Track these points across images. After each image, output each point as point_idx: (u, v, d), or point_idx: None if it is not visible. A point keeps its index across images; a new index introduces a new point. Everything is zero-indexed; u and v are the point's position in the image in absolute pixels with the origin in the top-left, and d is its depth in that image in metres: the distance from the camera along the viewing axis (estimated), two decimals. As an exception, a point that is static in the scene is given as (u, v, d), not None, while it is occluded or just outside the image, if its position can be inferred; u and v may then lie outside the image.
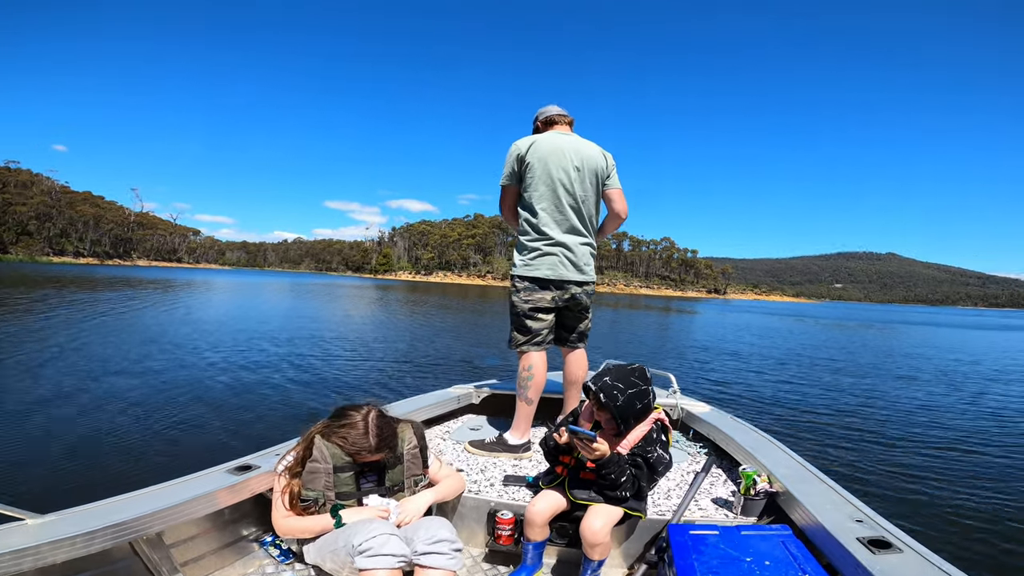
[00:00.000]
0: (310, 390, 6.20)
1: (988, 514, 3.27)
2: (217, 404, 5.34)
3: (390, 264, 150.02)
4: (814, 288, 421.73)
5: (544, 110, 2.65)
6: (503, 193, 2.61)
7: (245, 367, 7.28)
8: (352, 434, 1.56)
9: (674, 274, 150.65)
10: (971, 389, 8.03)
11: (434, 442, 2.64)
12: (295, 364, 7.71)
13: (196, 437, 4.33)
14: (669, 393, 3.06)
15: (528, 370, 2.45)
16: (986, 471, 4.17)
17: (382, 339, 11.28)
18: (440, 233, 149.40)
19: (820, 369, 9.96)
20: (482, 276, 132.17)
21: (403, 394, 4.34)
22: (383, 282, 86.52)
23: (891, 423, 5.72)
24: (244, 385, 6.24)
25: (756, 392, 7.36)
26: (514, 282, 2.53)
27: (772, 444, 2.28)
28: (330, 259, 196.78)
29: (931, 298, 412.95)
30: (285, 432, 3.81)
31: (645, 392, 1.77)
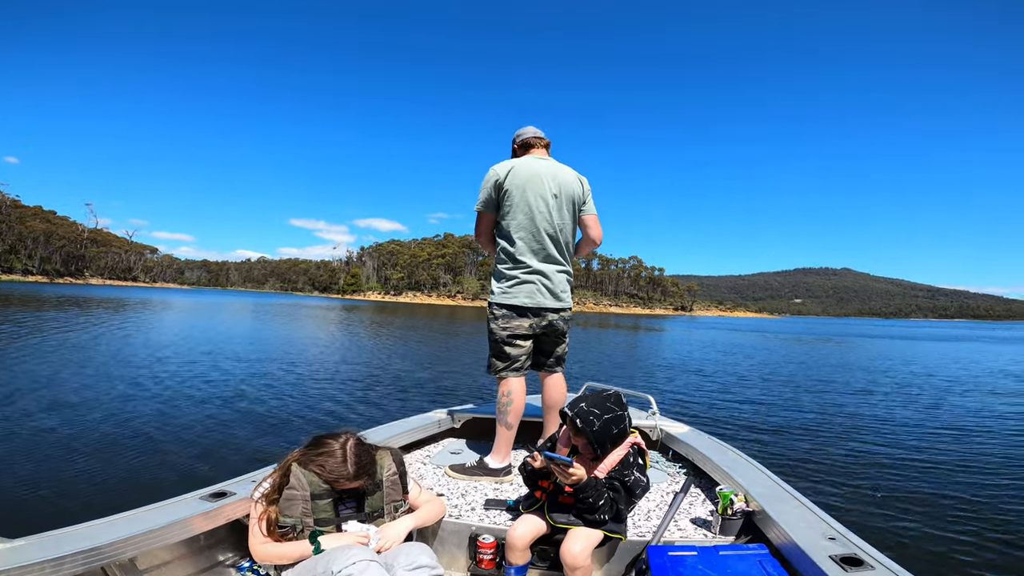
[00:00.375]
0: (283, 416, 6.01)
1: (955, 528, 3.35)
2: (186, 431, 5.14)
3: (358, 284, 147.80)
4: (775, 303, 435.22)
5: (521, 132, 2.66)
6: (479, 219, 2.61)
7: (213, 392, 7.01)
8: (330, 462, 1.55)
9: (642, 292, 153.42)
10: (926, 401, 8.32)
11: (414, 466, 2.62)
12: (265, 389, 7.47)
13: (165, 464, 4.20)
14: (648, 414, 3.10)
15: (507, 395, 2.46)
16: (950, 484, 4.28)
17: (355, 362, 11.06)
18: (410, 253, 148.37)
19: (786, 385, 10.20)
20: (452, 296, 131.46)
21: (381, 419, 4.23)
22: (351, 302, 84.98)
23: (856, 437, 5.85)
24: (214, 412, 6.01)
25: (722, 409, 7.48)
26: (492, 309, 2.54)
27: (748, 463, 2.32)
28: (296, 279, 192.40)
29: (884, 311, 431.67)
30: (260, 459, 3.60)
31: (621, 417, 1.80)
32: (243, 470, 2.05)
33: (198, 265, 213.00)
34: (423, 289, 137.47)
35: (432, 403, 6.81)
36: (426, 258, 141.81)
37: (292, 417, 6.01)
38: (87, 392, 6.64)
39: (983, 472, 4.63)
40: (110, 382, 7.41)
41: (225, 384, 7.68)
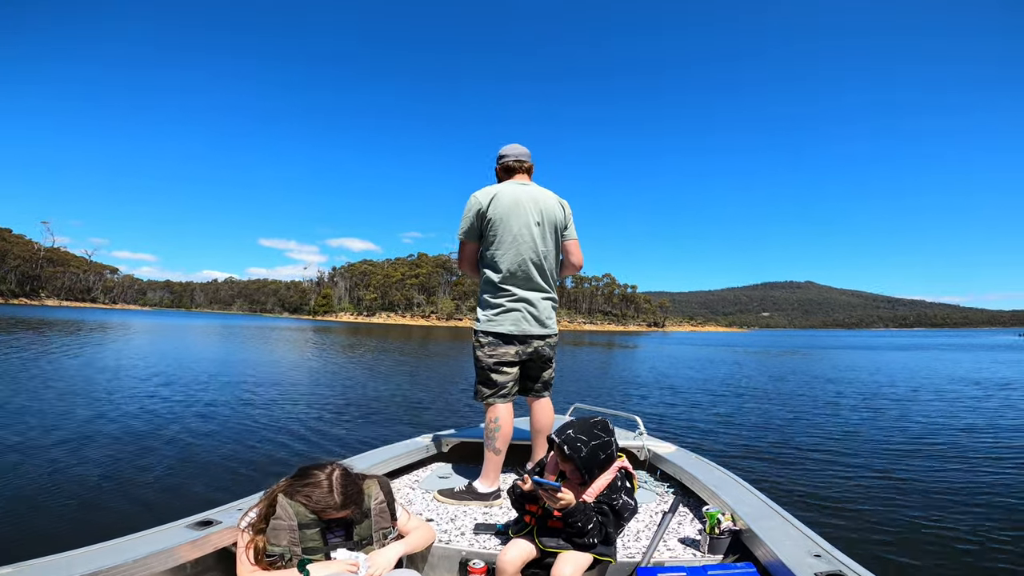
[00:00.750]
0: (263, 443, 5.82)
1: (937, 544, 3.38)
2: (158, 460, 4.96)
3: (330, 305, 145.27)
4: (744, 317, 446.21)
5: (504, 154, 2.65)
6: (462, 248, 2.60)
7: (188, 420, 6.74)
8: (316, 493, 1.54)
9: (616, 309, 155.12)
10: (897, 414, 8.48)
11: (403, 491, 2.59)
12: (240, 415, 7.21)
13: (144, 493, 4.07)
14: (636, 434, 3.11)
15: (495, 421, 2.47)
16: (930, 497, 4.33)
17: (334, 386, 10.77)
18: (383, 273, 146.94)
19: (762, 400, 10.32)
20: (426, 316, 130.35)
21: (365, 445, 4.14)
22: (323, 324, 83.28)
23: (835, 452, 5.89)
24: (190, 439, 5.80)
25: (699, 424, 7.55)
26: (478, 337, 2.53)
27: (735, 482, 2.35)
28: (265, 300, 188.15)
29: (847, 322, 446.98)
30: (246, 487, 3.56)
31: (608, 444, 1.82)
32: (228, 498, 2.03)
33: (161, 286, 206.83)
34: (397, 310, 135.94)
35: (416, 428, 6.68)
36: (399, 278, 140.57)
37: (272, 443, 5.83)
38: (49, 419, 6.31)
39: (961, 485, 4.69)
40: (73, 409, 7.04)
41: (197, 410, 7.39)
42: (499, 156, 2.67)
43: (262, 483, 4.12)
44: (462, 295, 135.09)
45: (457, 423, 4.95)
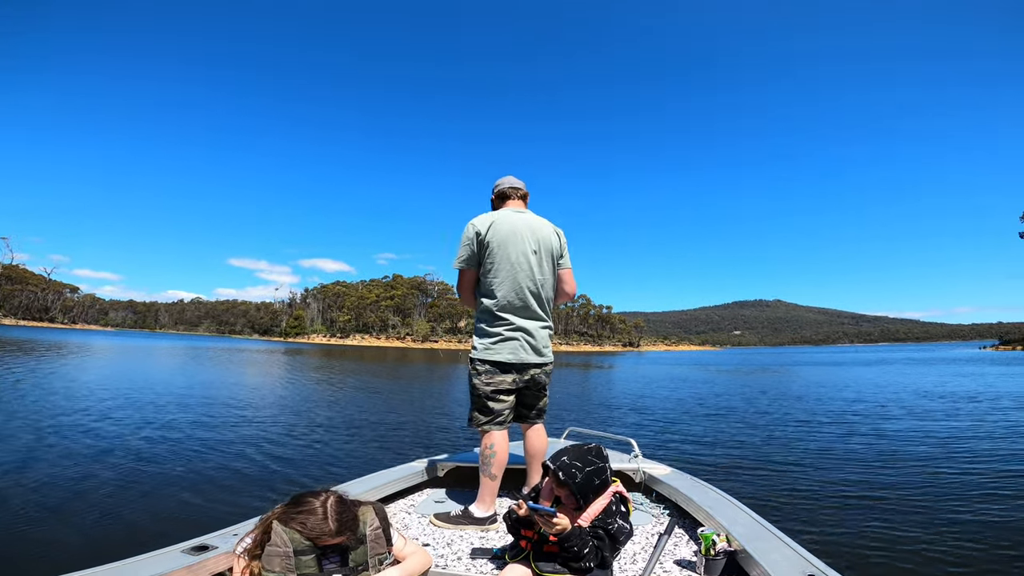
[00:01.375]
0: (253, 467, 5.74)
1: (927, 559, 3.41)
2: (154, 483, 4.93)
3: (302, 327, 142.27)
4: (716, 336, 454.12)
5: (499, 183, 2.70)
6: (461, 276, 2.62)
7: (173, 445, 6.54)
8: (311, 520, 1.53)
9: (591, 330, 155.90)
10: (865, 429, 8.67)
11: (399, 516, 2.60)
12: (219, 439, 7.01)
13: (137, 518, 4.01)
14: (631, 457, 3.11)
15: (490, 448, 2.48)
16: (923, 513, 4.38)
17: (317, 410, 10.50)
18: (357, 294, 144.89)
19: (738, 416, 10.41)
20: (401, 338, 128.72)
21: (361, 469, 4.21)
22: (295, 346, 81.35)
23: (816, 466, 5.96)
24: (177, 465, 5.68)
25: (675, 442, 7.59)
26: (475, 365, 2.54)
27: (730, 503, 2.37)
28: (234, 321, 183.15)
29: (815, 339, 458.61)
30: (240, 513, 3.60)
31: (602, 469, 1.85)
32: (223, 523, 2.03)
33: (124, 306, 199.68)
34: (371, 331, 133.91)
35: (409, 452, 6.61)
36: (374, 300, 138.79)
37: (261, 467, 5.73)
38: (30, 442, 6.04)
39: (946, 499, 4.76)
40: (50, 431, 6.73)
41: (179, 435, 7.12)
42: (495, 185, 2.72)
43: (251, 508, 4.09)
44: (437, 317, 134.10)
45: (452, 448, 4.91)
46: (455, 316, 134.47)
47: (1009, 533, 3.79)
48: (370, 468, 3.21)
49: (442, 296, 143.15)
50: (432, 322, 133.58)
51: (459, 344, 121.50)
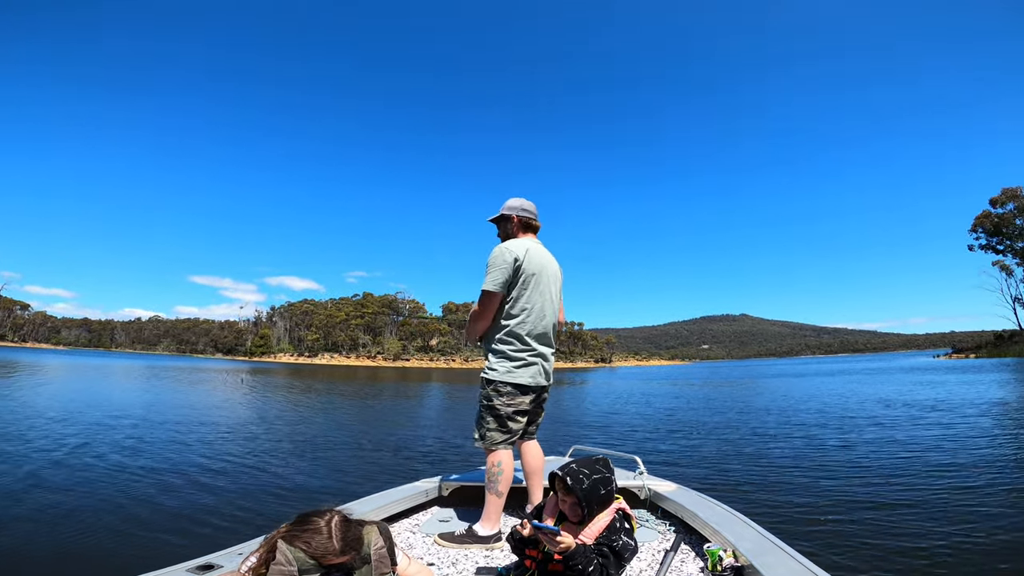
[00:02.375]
0: (255, 488, 5.80)
1: (931, 564, 3.41)
2: (156, 503, 5.01)
3: (268, 346, 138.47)
4: (685, 350, 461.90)
5: (525, 207, 2.81)
6: (491, 299, 2.66)
7: (161, 464, 6.43)
8: (316, 539, 1.53)
9: (564, 347, 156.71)
10: (834, 438, 8.58)
11: (403, 535, 2.61)
12: (219, 459, 7.03)
13: (141, 538, 4.06)
14: (636, 474, 3.14)
15: (498, 465, 2.56)
16: (919, 519, 4.42)
17: (294, 429, 10.00)
18: (326, 313, 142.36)
19: (714, 429, 10.27)
20: (372, 357, 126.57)
21: (364, 489, 4.35)
22: (261, 365, 78.82)
23: (826, 479, 5.96)
24: (183, 485, 5.79)
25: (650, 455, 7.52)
26: (496, 387, 2.64)
27: (737, 518, 2.36)
28: (195, 340, 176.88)
29: (779, 351, 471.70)
30: (245, 532, 3.82)
31: (608, 479, 1.84)
32: (228, 542, 2.04)
33: (78, 323, 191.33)
34: (340, 350, 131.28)
35: (422, 471, 6.71)
36: (343, 318, 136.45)
37: (262, 486, 5.81)
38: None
39: (960, 507, 4.79)
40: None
41: (168, 454, 6.80)
42: (518, 209, 2.81)
43: (255, 527, 4.06)
44: (408, 335, 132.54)
45: (455, 467, 5.06)
46: (426, 335, 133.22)
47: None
48: (373, 488, 3.26)
49: (413, 314, 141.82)
50: (403, 340, 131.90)
51: (430, 363, 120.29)
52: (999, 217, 71.46)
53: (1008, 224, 70.60)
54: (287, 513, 1.61)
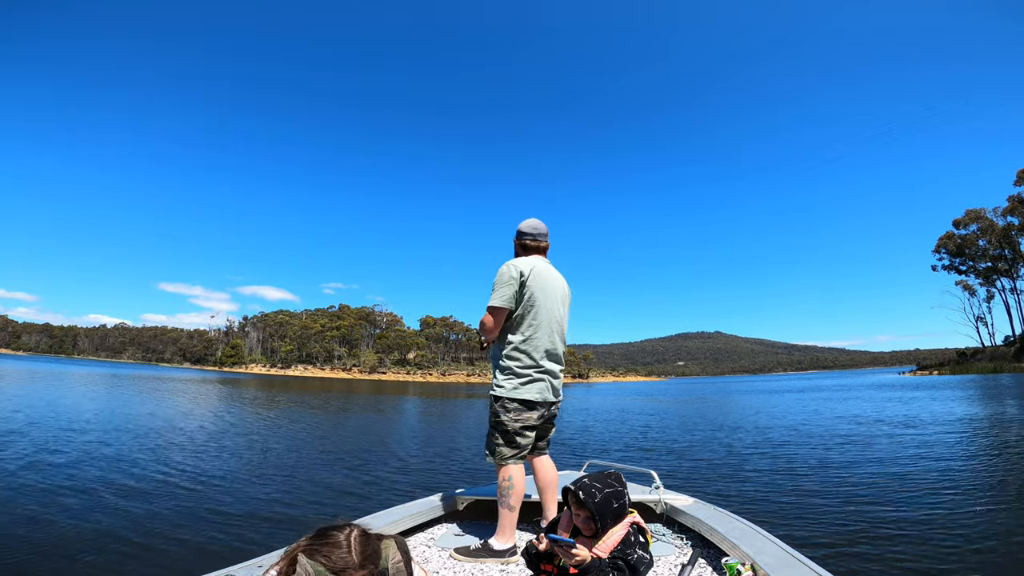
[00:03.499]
0: (271, 499, 5.80)
1: None
2: (176, 516, 5.04)
3: (240, 356, 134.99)
4: (662, 367, 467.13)
5: (532, 229, 2.87)
6: (498, 315, 2.72)
7: (189, 479, 6.19)
8: (336, 553, 1.48)
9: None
10: (805, 452, 8.79)
11: (419, 549, 2.64)
12: (234, 471, 6.75)
13: (162, 550, 4.08)
14: (652, 488, 3.13)
15: (508, 480, 2.60)
16: (926, 530, 4.42)
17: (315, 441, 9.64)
18: (301, 324, 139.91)
19: (681, 445, 10.36)
20: (347, 369, 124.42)
21: (380, 503, 4.35)
22: (231, 375, 76.61)
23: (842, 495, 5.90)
24: (201, 496, 5.84)
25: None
26: (503, 403, 2.68)
27: (756, 532, 2.34)
28: (162, 349, 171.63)
29: (752, 368, 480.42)
30: (265, 544, 3.86)
31: (621, 493, 1.85)
32: (248, 554, 2.06)
33: (39, 329, 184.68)
34: (315, 362, 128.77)
35: (440, 485, 6.75)
36: (319, 330, 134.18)
37: (276, 499, 5.78)
38: None
39: (941, 511, 4.88)
40: None
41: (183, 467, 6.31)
42: (528, 230, 2.87)
43: (273, 539, 4.14)
44: (385, 348, 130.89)
45: (469, 482, 5.06)
46: (403, 348, 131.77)
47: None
48: (390, 502, 3.27)
49: (391, 327, 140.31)
50: (380, 353, 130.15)
51: (407, 376, 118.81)
52: (962, 238, 74.52)
53: (971, 245, 73.69)
54: (301, 525, 1.75)
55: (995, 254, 70.92)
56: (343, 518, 1.68)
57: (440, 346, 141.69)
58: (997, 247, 70.46)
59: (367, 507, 5.51)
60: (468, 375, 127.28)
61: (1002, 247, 70.09)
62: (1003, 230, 69.43)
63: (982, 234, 72.33)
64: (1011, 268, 70.14)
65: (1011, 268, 70.14)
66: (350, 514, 2.73)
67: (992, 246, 70.82)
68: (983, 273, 73.30)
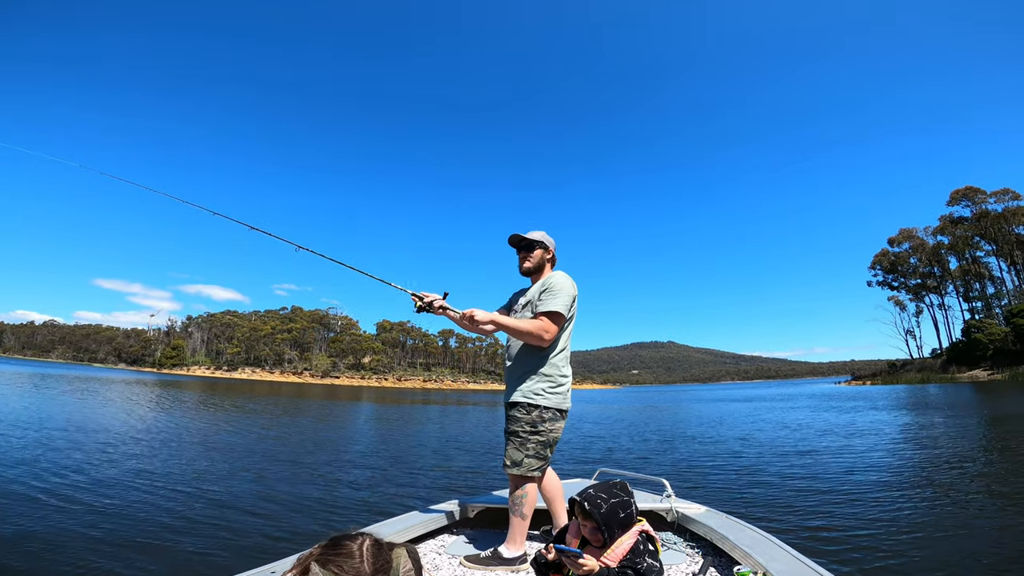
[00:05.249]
0: (280, 504, 5.76)
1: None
2: (189, 521, 4.96)
3: (181, 358, 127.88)
4: (617, 375, 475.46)
5: (553, 244, 2.96)
6: (560, 323, 2.76)
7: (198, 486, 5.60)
8: (348, 563, 1.51)
9: (499, 369, 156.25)
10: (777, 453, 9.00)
11: (430, 557, 2.67)
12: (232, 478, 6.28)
13: (175, 557, 4.01)
14: (663, 497, 3.12)
15: (523, 489, 2.62)
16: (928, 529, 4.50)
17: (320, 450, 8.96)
18: (249, 325, 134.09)
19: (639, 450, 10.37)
20: (298, 373, 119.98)
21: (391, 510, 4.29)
22: (170, 377, 72.46)
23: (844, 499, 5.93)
24: (213, 501, 5.75)
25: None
26: (542, 412, 2.68)
27: (768, 540, 2.35)
28: (96, 348, 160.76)
29: (702, 376, 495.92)
30: (276, 550, 3.89)
31: (627, 503, 1.85)
32: (260, 560, 2.10)
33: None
34: (264, 365, 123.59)
35: (450, 493, 6.57)
36: (269, 332, 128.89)
37: (288, 503, 5.70)
38: None
39: (939, 516, 4.94)
40: None
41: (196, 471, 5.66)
42: (553, 246, 2.95)
43: (287, 544, 4.16)
44: (340, 352, 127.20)
45: (479, 490, 5.03)
46: (359, 352, 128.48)
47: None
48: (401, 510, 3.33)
49: (346, 331, 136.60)
50: (334, 357, 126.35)
51: (361, 381, 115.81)
52: (895, 256, 79.55)
53: (903, 263, 78.74)
54: (314, 529, 1.73)
55: (925, 271, 76.13)
56: (356, 526, 1.84)
57: (396, 351, 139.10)
58: (927, 265, 75.69)
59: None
60: (424, 380, 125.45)
61: (932, 265, 75.32)
62: (933, 249, 74.64)
63: (914, 252, 77.49)
64: (939, 285, 75.41)
65: (939, 285, 75.41)
66: (364, 521, 2.82)
67: (923, 264, 76.04)
68: (913, 289, 78.46)
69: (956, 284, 73.16)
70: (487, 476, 7.86)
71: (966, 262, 70.87)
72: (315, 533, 4.60)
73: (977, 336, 56.70)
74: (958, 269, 71.78)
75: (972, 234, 69.11)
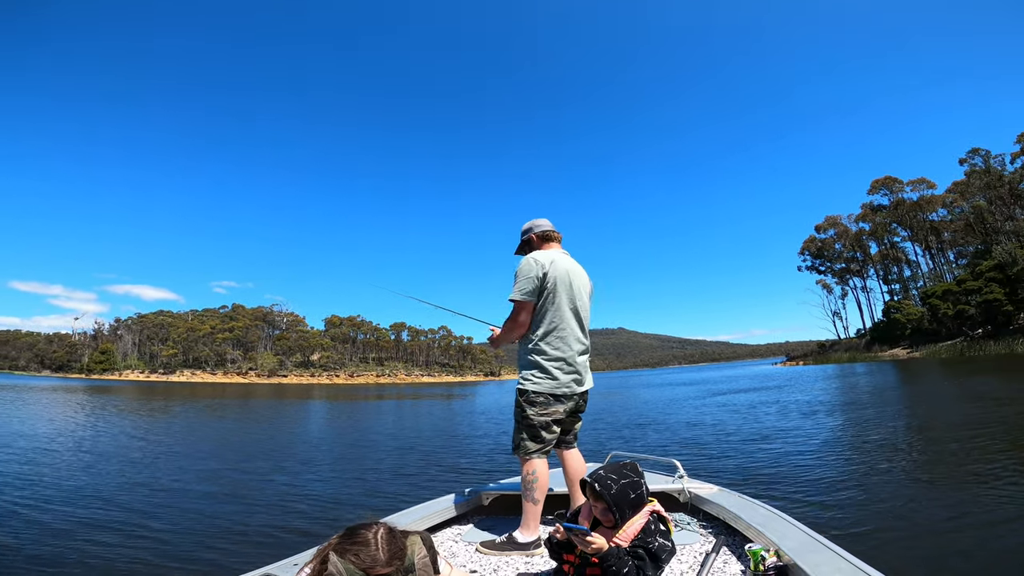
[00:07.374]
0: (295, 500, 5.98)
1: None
2: (217, 514, 5.24)
3: (112, 362, 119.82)
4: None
5: (539, 224, 2.94)
6: (522, 308, 2.75)
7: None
8: (364, 552, 1.61)
9: (453, 361, 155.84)
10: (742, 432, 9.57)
11: (446, 544, 2.71)
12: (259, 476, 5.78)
13: (201, 548, 4.22)
14: (676, 477, 3.15)
15: (532, 474, 2.63)
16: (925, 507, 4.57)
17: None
18: (186, 326, 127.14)
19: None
20: (243, 374, 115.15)
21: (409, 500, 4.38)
22: (100, 383, 67.94)
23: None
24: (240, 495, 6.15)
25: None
26: (529, 396, 2.70)
27: (781, 518, 2.35)
28: (16, 356, 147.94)
29: (651, 362, 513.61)
30: (301, 542, 4.03)
31: (637, 483, 1.87)
32: (284, 553, 2.18)
33: None
34: (204, 367, 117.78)
35: (463, 482, 6.83)
36: (208, 332, 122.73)
37: (306, 498, 6.02)
38: None
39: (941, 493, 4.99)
40: None
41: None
42: (533, 226, 2.95)
43: (311, 537, 4.25)
44: (286, 350, 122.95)
45: (492, 477, 5.15)
46: (307, 349, 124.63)
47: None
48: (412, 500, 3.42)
49: (292, 328, 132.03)
50: (280, 355, 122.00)
51: (311, 379, 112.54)
52: (822, 242, 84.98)
53: (829, 248, 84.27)
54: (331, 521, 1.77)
55: (849, 256, 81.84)
56: (371, 515, 1.76)
57: (347, 346, 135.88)
58: (851, 250, 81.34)
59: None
60: (378, 376, 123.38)
61: (855, 250, 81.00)
62: (855, 235, 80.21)
63: (839, 238, 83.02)
64: (862, 269, 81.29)
65: (862, 269, 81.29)
66: (381, 512, 2.81)
67: (847, 249, 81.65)
68: (839, 273, 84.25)
69: (876, 268, 79.14)
70: (497, 464, 8.10)
71: (885, 247, 76.68)
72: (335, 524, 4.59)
73: (896, 316, 61.19)
74: (878, 254, 77.58)
75: (890, 221, 74.71)
